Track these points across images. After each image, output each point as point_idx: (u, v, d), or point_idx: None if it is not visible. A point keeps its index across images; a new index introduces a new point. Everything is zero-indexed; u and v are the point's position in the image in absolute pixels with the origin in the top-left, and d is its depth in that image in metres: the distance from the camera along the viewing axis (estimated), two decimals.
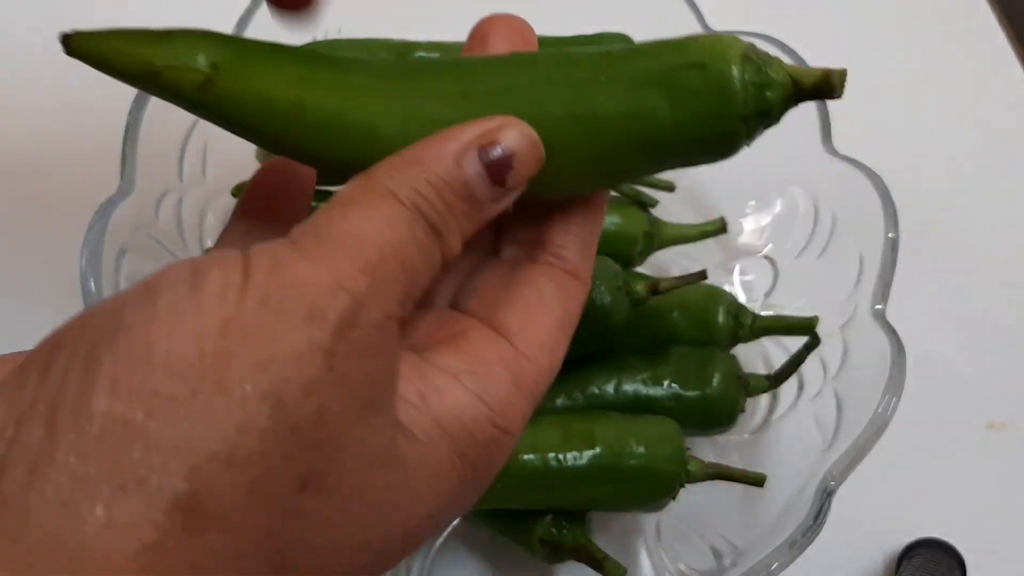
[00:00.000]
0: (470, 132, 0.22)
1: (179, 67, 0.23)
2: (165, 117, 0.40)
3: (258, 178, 0.27)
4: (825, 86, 0.24)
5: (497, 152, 0.22)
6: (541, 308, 0.23)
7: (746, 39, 0.23)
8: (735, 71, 0.22)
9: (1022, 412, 0.49)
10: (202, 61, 0.23)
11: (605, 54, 0.24)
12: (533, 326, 0.23)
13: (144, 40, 0.24)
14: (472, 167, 0.22)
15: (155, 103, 0.41)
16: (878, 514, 0.45)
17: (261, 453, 0.18)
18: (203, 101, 0.23)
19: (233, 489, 0.17)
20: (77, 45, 0.24)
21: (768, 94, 0.23)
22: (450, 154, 0.21)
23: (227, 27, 0.43)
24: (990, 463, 0.47)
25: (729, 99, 0.22)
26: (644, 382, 0.40)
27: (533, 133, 0.22)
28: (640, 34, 0.45)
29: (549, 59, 0.24)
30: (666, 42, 0.24)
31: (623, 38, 0.44)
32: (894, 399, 0.37)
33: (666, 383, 0.40)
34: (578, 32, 0.44)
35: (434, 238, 0.21)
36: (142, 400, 0.17)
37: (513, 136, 0.22)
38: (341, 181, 0.22)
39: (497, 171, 0.22)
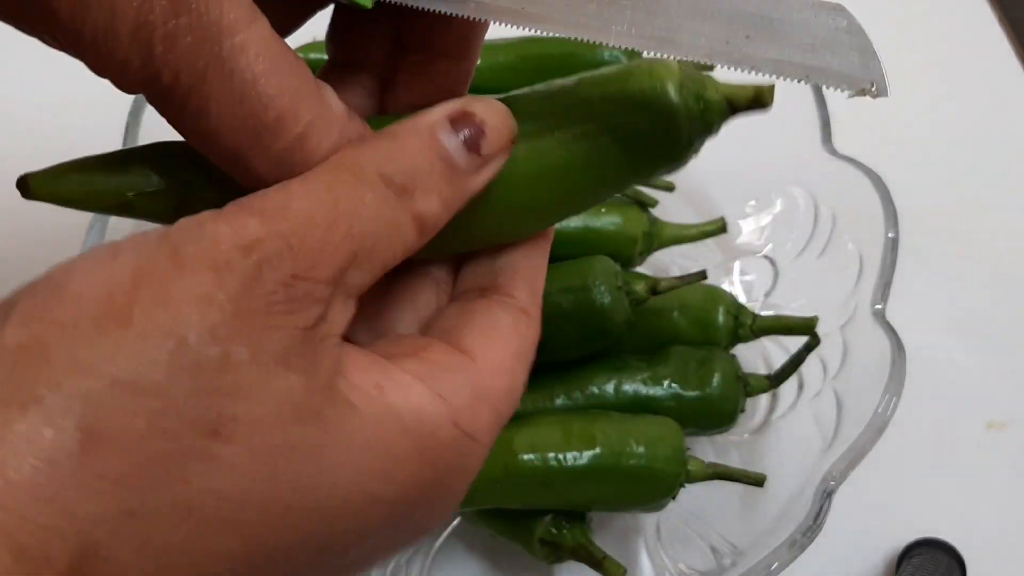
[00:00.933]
0: (439, 109, 0.22)
1: (151, 193, 0.23)
2: None
3: None
4: (757, 102, 0.25)
5: (470, 122, 0.22)
6: (498, 334, 0.24)
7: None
8: (678, 103, 0.23)
9: (1022, 412, 0.49)
10: (172, 183, 0.23)
11: (549, 98, 0.25)
12: (492, 349, 0.23)
13: (104, 170, 0.23)
14: (447, 136, 0.22)
15: None
16: (878, 514, 0.45)
17: (163, 387, 0.18)
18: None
19: (133, 417, 0.18)
20: (36, 188, 0.24)
21: (708, 116, 0.24)
22: (424, 126, 0.22)
23: None
24: (990, 463, 0.47)
25: (675, 132, 0.24)
26: (644, 382, 0.40)
27: (502, 106, 0.23)
28: None
29: None
30: (605, 79, 0.24)
31: None
32: (894, 399, 0.37)
33: (666, 383, 0.40)
34: None
35: (399, 203, 0.21)
36: (45, 327, 0.18)
37: (481, 107, 0.23)
38: None
39: (471, 139, 0.22)
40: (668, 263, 0.48)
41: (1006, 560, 0.45)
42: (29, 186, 0.24)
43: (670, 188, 0.48)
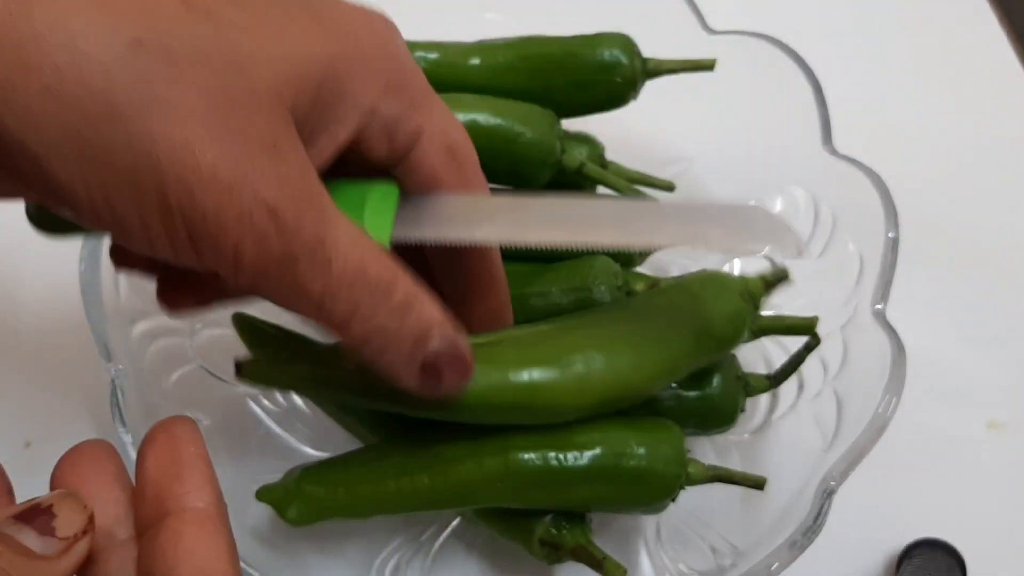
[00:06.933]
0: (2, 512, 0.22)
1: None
2: None
3: None
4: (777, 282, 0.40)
5: (36, 511, 0.22)
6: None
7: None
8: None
9: (1022, 412, 0.49)
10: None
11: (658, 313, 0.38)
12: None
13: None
14: (13, 529, 0.21)
15: None
16: (878, 514, 0.45)
17: None
18: None
19: None
20: (247, 373, 0.34)
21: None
22: None
23: None
24: (990, 463, 0.47)
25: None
26: None
27: (72, 494, 0.23)
28: (640, 33, 0.45)
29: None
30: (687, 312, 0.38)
31: (624, 38, 0.44)
32: (894, 399, 0.37)
33: None
34: (578, 32, 0.44)
35: None
36: None
37: (49, 497, 0.22)
38: None
39: (42, 525, 0.22)
40: (668, 263, 0.48)
41: (1006, 560, 0.45)
42: (242, 371, 0.34)
43: (670, 188, 0.48)
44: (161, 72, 0.23)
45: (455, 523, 0.43)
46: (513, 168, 0.42)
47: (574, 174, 0.43)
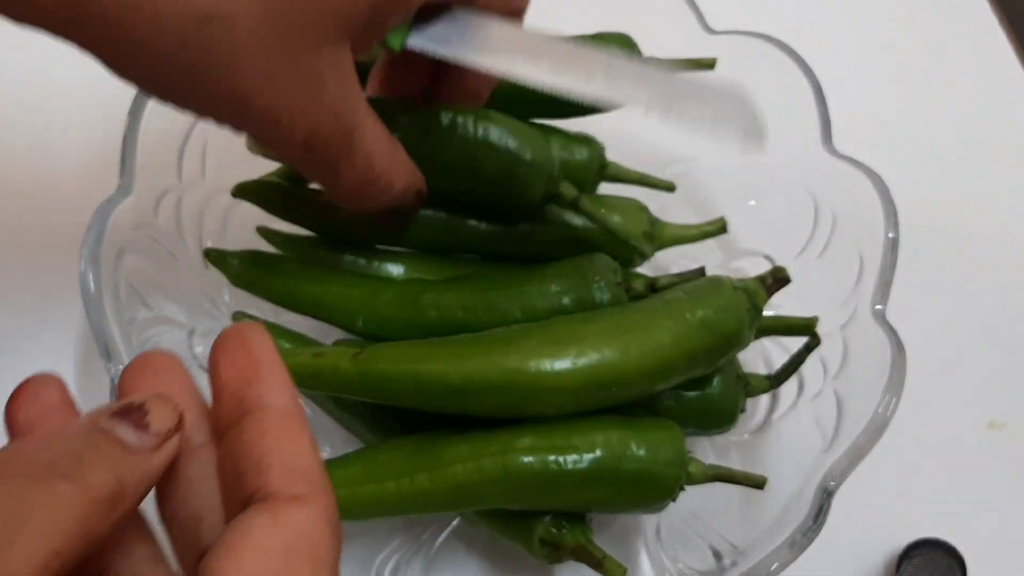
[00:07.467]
0: (99, 408, 0.23)
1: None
2: (164, 117, 0.40)
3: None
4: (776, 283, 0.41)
5: (130, 407, 0.23)
6: (247, 548, 0.21)
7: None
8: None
9: (1022, 412, 0.49)
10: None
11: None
12: (243, 568, 0.21)
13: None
14: (107, 421, 0.22)
15: (154, 103, 0.41)
16: (878, 514, 0.45)
17: None
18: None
19: None
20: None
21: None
22: (83, 419, 0.23)
23: None
24: (990, 463, 0.47)
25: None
26: None
27: (164, 395, 0.23)
28: (641, 34, 0.45)
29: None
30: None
31: (624, 38, 0.44)
32: (894, 399, 0.37)
33: None
34: (578, 32, 0.44)
35: (63, 482, 0.20)
36: None
37: (140, 395, 0.23)
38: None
39: (136, 419, 0.22)
40: (668, 263, 0.48)
41: (1006, 560, 0.45)
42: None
43: (671, 188, 0.48)
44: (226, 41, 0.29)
45: (455, 523, 0.43)
46: (507, 184, 0.41)
47: (568, 204, 0.42)
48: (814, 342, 0.40)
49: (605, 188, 0.47)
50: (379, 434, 0.40)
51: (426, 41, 0.35)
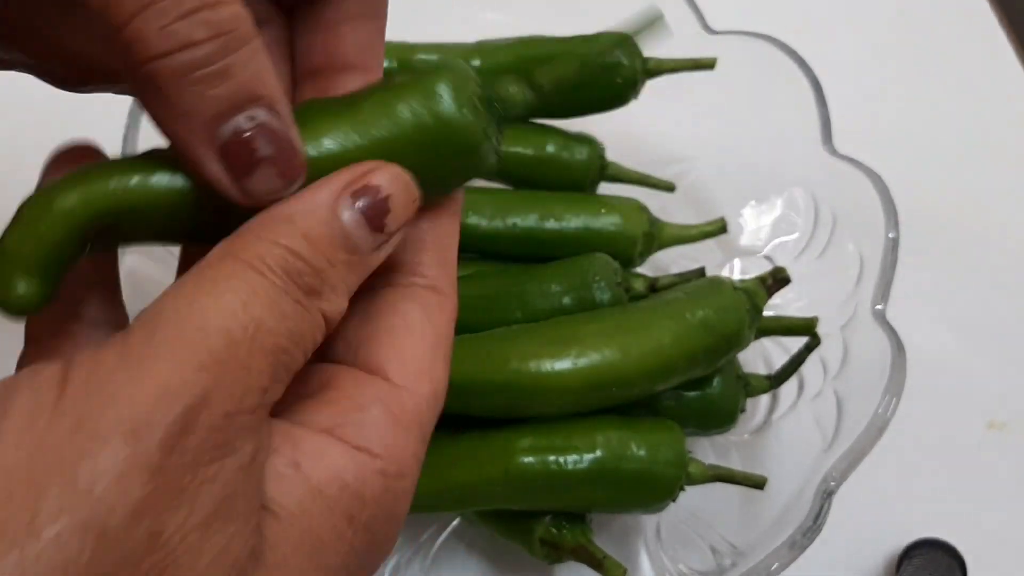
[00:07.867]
0: (340, 178, 0.20)
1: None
2: None
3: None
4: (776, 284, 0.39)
5: (373, 195, 0.20)
6: (408, 335, 0.22)
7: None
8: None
9: (1022, 412, 0.49)
10: None
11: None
12: (404, 355, 0.22)
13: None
14: (349, 214, 0.20)
15: None
16: (878, 514, 0.45)
17: None
18: None
19: None
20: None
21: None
22: (323, 204, 0.20)
23: None
24: (990, 463, 0.47)
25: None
26: None
27: (405, 174, 0.21)
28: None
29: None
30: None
31: (624, 38, 0.44)
32: (894, 399, 0.37)
33: None
34: (578, 32, 0.44)
35: (309, 303, 0.19)
36: None
37: (386, 177, 0.21)
38: None
39: (375, 216, 0.20)
40: (668, 263, 0.48)
41: (1006, 560, 0.45)
42: None
43: (670, 188, 0.48)
44: None
45: (455, 523, 0.43)
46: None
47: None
48: (814, 342, 0.40)
49: (605, 188, 0.47)
50: None
51: None
